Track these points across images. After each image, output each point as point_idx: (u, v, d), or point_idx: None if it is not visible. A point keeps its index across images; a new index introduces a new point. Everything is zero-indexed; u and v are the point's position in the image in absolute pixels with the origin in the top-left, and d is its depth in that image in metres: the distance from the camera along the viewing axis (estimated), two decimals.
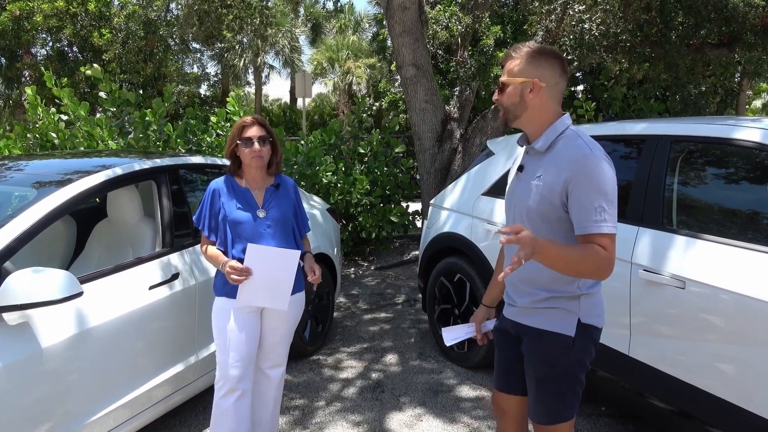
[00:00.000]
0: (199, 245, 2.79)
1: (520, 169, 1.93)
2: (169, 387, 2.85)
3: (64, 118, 6.68)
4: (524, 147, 1.94)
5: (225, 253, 2.54)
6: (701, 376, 2.42)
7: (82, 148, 6.07)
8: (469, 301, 3.79)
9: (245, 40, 19.78)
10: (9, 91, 19.00)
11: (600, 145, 1.79)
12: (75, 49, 18.22)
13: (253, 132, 2.50)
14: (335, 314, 5.01)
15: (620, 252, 2.75)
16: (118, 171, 2.85)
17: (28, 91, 6.85)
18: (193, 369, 2.99)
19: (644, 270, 2.63)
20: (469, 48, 8.71)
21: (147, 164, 3.03)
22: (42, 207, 2.42)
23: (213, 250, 2.55)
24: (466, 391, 3.53)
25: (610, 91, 9.76)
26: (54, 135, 6.45)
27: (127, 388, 2.61)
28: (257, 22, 17.36)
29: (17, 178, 2.95)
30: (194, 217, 2.63)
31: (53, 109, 6.71)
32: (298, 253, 2.45)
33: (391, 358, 4.08)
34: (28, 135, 6.75)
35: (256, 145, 2.49)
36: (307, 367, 3.93)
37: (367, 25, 23.98)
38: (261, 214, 2.54)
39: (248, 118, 2.54)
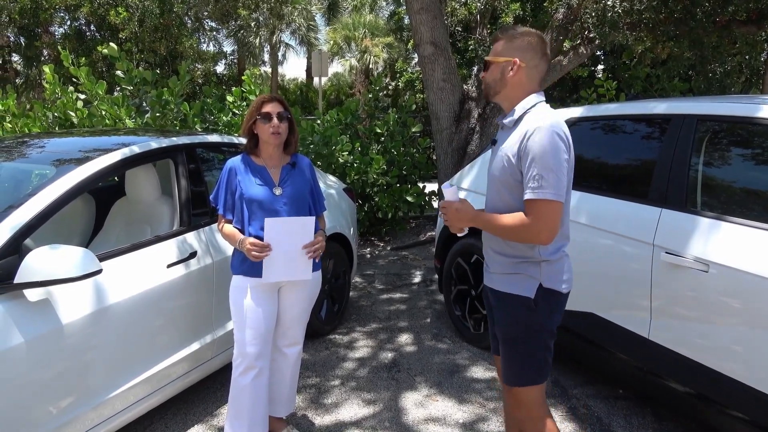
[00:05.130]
0: (216, 224, 2.80)
1: (494, 143, 2.11)
2: (187, 364, 2.88)
3: (82, 96, 6.71)
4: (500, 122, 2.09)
5: (242, 231, 2.54)
6: (723, 360, 2.38)
7: (101, 127, 6.10)
8: None
9: (261, 18, 19.66)
10: (28, 70, 19.12)
11: (561, 122, 1.88)
12: (92, 27, 18.25)
13: (273, 108, 2.50)
14: (351, 294, 5.01)
15: (642, 234, 2.71)
16: (135, 149, 2.85)
17: (46, 69, 6.88)
18: (211, 347, 3.01)
19: (666, 252, 2.57)
20: (488, 26, 8.57)
21: (164, 143, 3.03)
22: (60, 185, 2.43)
23: (229, 228, 2.55)
24: (481, 372, 3.52)
25: (633, 70, 9.55)
26: (72, 114, 6.48)
27: (146, 364, 2.64)
28: None
29: (36, 155, 2.97)
30: (211, 197, 2.63)
31: (71, 88, 6.74)
32: (314, 218, 2.50)
33: (406, 338, 4.09)
34: (47, 113, 6.79)
35: (275, 121, 2.48)
36: (323, 346, 3.95)
37: (384, 3, 23.70)
38: (277, 191, 2.53)
39: (267, 95, 2.55)
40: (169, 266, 2.76)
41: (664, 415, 3.04)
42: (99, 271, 2.19)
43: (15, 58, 20.24)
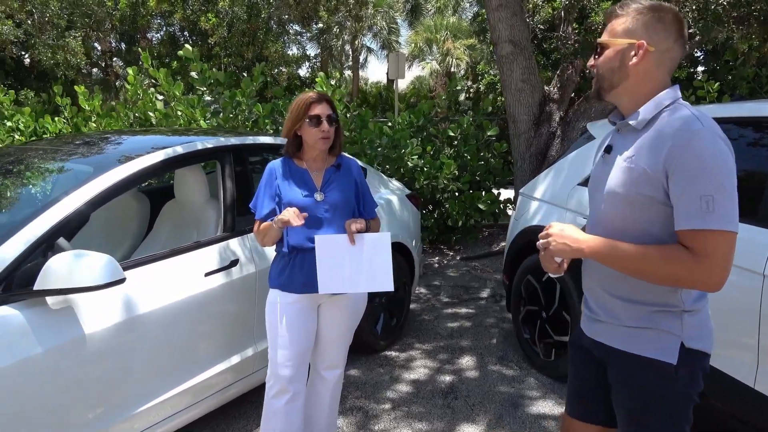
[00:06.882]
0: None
1: (608, 150, 1.58)
2: (226, 377, 2.71)
3: (161, 97, 6.86)
4: (616, 124, 1.58)
5: (281, 240, 2.32)
6: None
7: (176, 127, 6.19)
8: (558, 304, 3.36)
9: (341, 21, 19.83)
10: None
11: (717, 124, 1.39)
12: (185, 33, 19.14)
13: (322, 110, 2.24)
14: (413, 306, 4.73)
15: (750, 261, 2.25)
16: (179, 150, 2.71)
17: (129, 71, 7.11)
18: (252, 360, 2.82)
19: None
20: (575, 26, 8.02)
21: (209, 144, 2.88)
22: (94, 186, 2.30)
23: (264, 224, 2.30)
24: (550, 407, 3.13)
25: (737, 70, 8.64)
26: (151, 114, 6.64)
27: (181, 376, 2.49)
28: (352, 1, 17.27)
29: (77, 155, 2.88)
30: (251, 204, 2.42)
31: (152, 89, 6.92)
32: (323, 236, 2.19)
33: (468, 360, 3.75)
34: (128, 113, 7.01)
35: (326, 125, 2.23)
36: (377, 364, 3.68)
37: (468, 4, 23.27)
38: (319, 197, 2.29)
39: (313, 94, 2.27)
40: (207, 275, 2.59)
41: None
42: (122, 280, 2.04)
43: (117, 61, 21.64)
